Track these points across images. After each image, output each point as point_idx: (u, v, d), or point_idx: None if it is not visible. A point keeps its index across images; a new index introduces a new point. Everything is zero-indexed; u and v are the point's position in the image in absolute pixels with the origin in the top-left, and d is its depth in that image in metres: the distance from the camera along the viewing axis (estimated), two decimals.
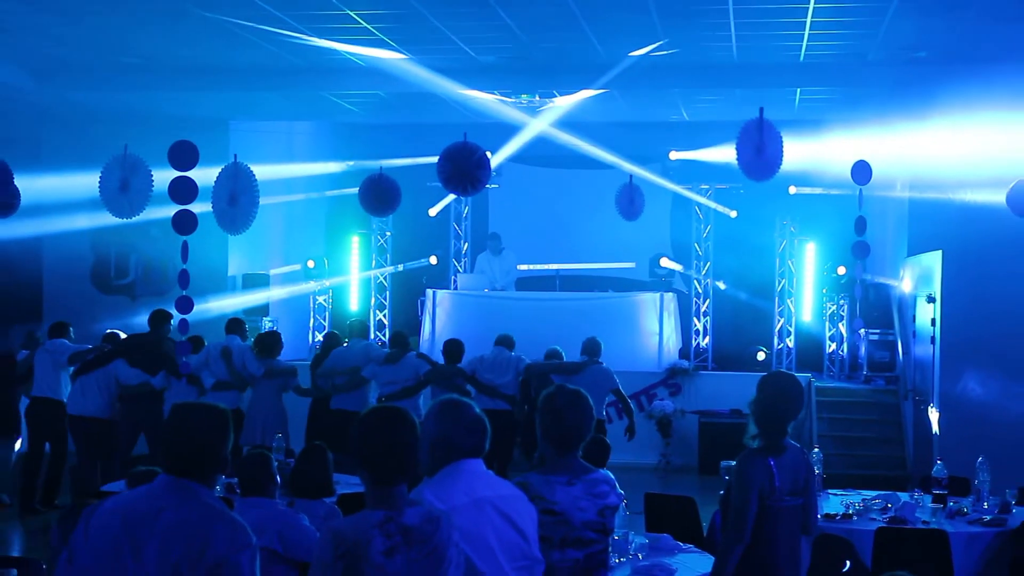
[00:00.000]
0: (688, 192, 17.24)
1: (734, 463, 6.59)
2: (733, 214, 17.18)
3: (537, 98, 14.45)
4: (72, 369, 11.63)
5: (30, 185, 11.72)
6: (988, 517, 7.37)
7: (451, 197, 16.96)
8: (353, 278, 18.47)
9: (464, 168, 10.04)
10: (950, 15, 10.90)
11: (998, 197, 11.39)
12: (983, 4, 10.47)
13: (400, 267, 18.29)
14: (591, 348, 11.26)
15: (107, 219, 11.06)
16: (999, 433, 11.07)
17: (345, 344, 12.62)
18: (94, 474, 10.27)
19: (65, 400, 11.63)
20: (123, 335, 12.05)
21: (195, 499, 3.60)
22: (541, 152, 16.33)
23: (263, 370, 11.13)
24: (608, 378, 11.13)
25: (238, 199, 10.68)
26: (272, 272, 17.12)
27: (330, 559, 3.55)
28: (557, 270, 17.53)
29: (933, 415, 12.91)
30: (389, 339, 12.22)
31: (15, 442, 12.41)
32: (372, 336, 17.18)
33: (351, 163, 17.20)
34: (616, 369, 11.43)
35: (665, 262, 17.67)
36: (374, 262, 18.51)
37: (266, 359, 11.19)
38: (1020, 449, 10.19)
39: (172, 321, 11.31)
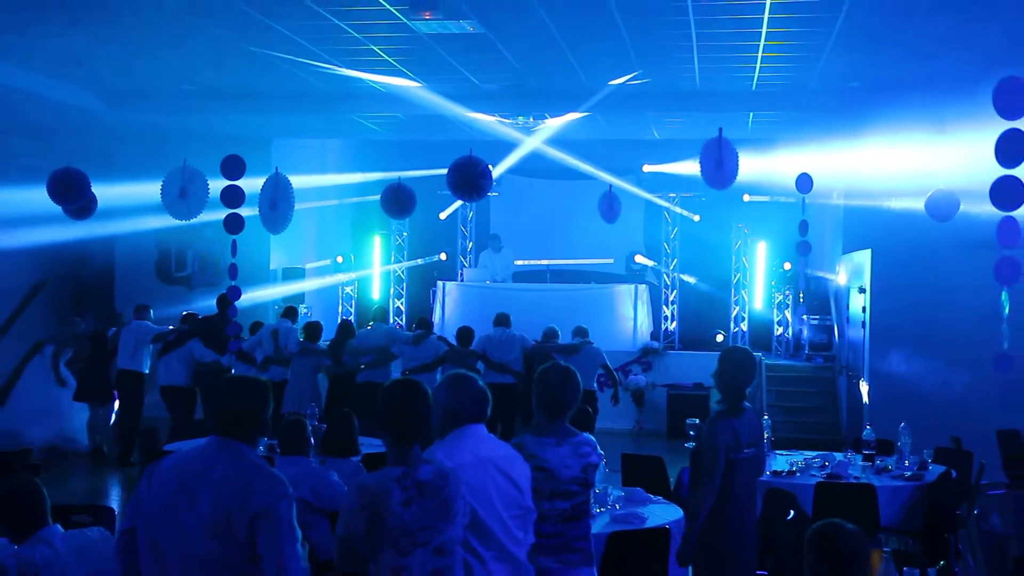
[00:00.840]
0: (658, 199, 17.26)
1: (698, 421, 6.60)
2: (696, 218, 17.19)
3: (531, 120, 14.42)
4: (153, 346, 11.83)
5: (104, 192, 11.72)
6: (909, 473, 7.38)
7: (458, 203, 16.94)
8: (375, 271, 18.47)
9: (469, 178, 10.02)
10: (877, 52, 10.90)
11: (918, 204, 11.38)
12: (904, 43, 10.46)
13: (421, 261, 18.26)
14: (582, 331, 11.36)
15: (169, 221, 11.05)
16: (918, 402, 11.06)
17: (369, 327, 12.63)
18: (185, 431, 10.18)
19: (144, 372, 11.83)
20: (198, 316, 12.09)
21: (241, 456, 3.58)
22: (534, 165, 16.30)
23: (299, 349, 11.16)
24: (599, 355, 11.31)
25: (278, 204, 10.67)
26: (307, 266, 17.09)
27: (356, 508, 3.55)
28: (548, 265, 17.53)
29: (863, 387, 12.92)
30: (415, 323, 12.14)
31: (109, 407, 12.59)
32: (391, 320, 17.21)
33: (374, 174, 17.16)
34: None
35: (639, 258, 17.69)
36: (393, 258, 18.50)
37: (307, 342, 11.23)
38: (936, 416, 10.16)
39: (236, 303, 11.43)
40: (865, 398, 12.78)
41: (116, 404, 12.40)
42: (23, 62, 11.92)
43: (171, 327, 11.96)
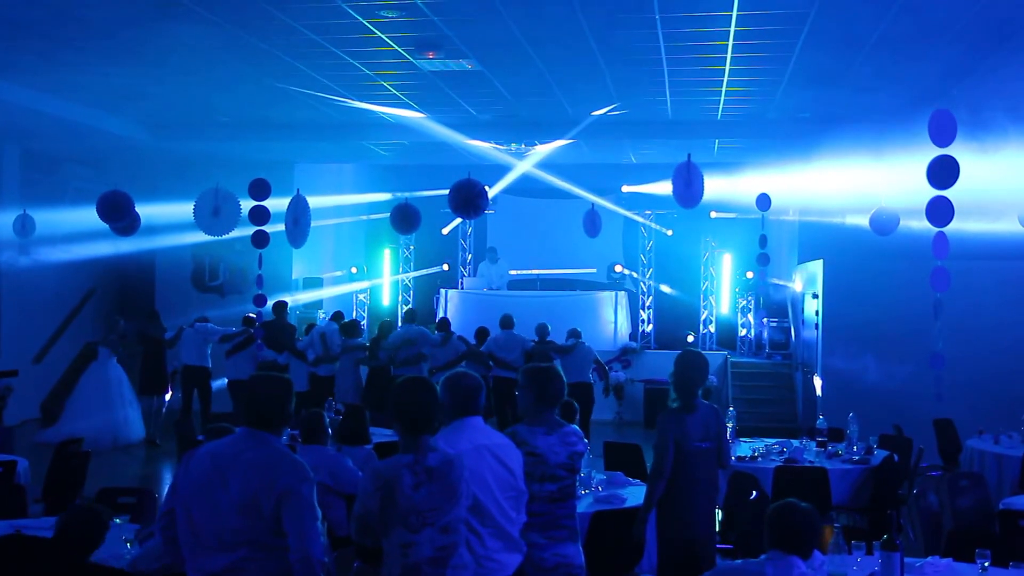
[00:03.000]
0: (635, 216, 17.29)
1: None
2: (669, 232, 17.23)
3: (523, 146, 14.44)
4: (219, 345, 12.03)
5: (146, 212, 11.73)
6: (856, 457, 7.40)
7: (459, 220, 16.96)
8: (385, 280, 18.47)
9: (468, 197, 10.01)
10: (825, 87, 10.95)
11: (863, 221, 11.44)
12: (848, 80, 10.52)
13: (432, 270, 18.25)
14: (575, 332, 11.40)
15: (203, 236, 11.06)
16: (864, 395, 11.09)
17: (400, 326, 12.65)
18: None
19: (209, 366, 12.08)
20: (253, 316, 12.07)
21: (267, 444, 3.61)
22: (526, 186, 16.31)
23: (342, 348, 11.24)
24: (591, 352, 11.38)
25: (299, 221, 10.67)
26: (325, 275, 17.08)
27: (371, 490, 3.56)
28: (539, 274, 17.56)
29: (816, 382, 12.95)
30: (436, 326, 12.08)
31: (164, 397, 12.73)
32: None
33: (384, 194, 17.16)
34: None
35: (618, 268, 17.71)
36: (401, 268, 18.52)
37: (347, 339, 11.27)
38: (880, 407, 10.20)
39: (289, 308, 11.77)
40: (818, 391, 12.81)
41: (167, 397, 12.54)
42: (78, 98, 11.93)
43: (234, 329, 12.09)
